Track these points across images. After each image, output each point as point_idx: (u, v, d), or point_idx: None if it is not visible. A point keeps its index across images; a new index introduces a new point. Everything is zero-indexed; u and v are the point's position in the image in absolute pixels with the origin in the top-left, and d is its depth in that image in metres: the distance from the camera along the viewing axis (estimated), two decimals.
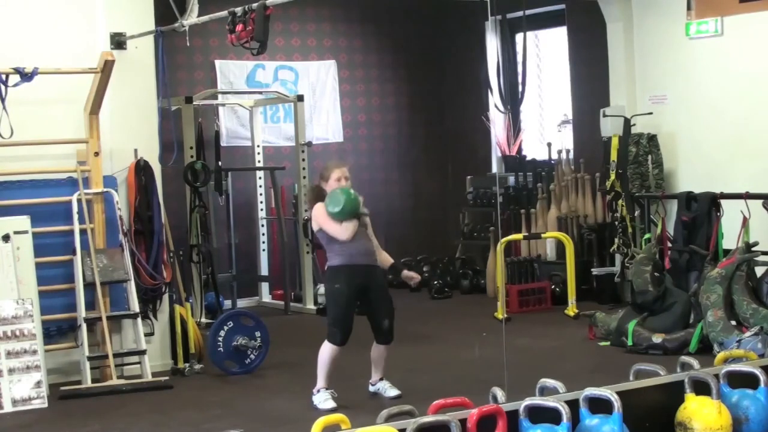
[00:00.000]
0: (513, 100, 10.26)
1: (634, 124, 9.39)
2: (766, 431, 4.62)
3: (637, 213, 9.21)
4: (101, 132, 7.31)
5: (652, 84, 9.60)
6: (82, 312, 7.08)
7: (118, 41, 7.41)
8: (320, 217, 6.31)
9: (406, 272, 6.72)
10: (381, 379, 6.53)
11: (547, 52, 11.73)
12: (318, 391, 6.33)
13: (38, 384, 6.68)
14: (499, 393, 4.29)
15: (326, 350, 6.32)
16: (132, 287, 7.25)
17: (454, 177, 11.91)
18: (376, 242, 6.54)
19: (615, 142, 9.36)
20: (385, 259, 6.58)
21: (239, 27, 6.56)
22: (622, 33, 9.73)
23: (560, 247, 9.65)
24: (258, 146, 10.65)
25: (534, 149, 11.51)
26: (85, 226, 7.22)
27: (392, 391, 6.44)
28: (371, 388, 6.57)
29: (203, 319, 9.16)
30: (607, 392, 4.24)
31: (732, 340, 7.01)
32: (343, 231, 6.24)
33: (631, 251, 8.93)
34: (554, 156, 10.69)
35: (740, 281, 7.48)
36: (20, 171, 7.18)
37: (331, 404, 6.21)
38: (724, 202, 8.17)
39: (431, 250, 11.51)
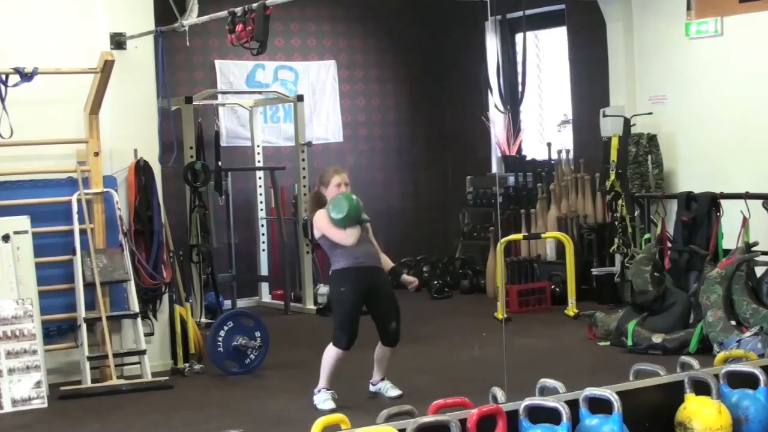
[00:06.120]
0: (513, 100, 10.22)
1: (634, 124, 9.38)
2: (766, 431, 4.61)
3: (637, 213, 9.21)
4: (101, 132, 7.32)
5: (652, 84, 9.59)
6: (82, 312, 7.08)
7: (118, 41, 7.42)
8: (322, 225, 6.28)
9: (405, 276, 6.71)
10: (382, 379, 6.53)
11: (547, 52, 11.73)
12: (319, 391, 6.33)
13: (38, 384, 6.68)
14: (499, 393, 4.28)
15: (331, 353, 6.31)
16: (132, 287, 7.25)
17: (454, 177, 11.91)
18: (377, 246, 6.54)
19: (615, 142, 9.35)
20: (386, 262, 6.57)
21: (239, 27, 6.56)
22: (622, 33, 9.72)
23: (560, 247, 9.64)
24: (258, 146, 10.64)
25: (534, 149, 11.51)
26: (85, 226, 7.22)
27: (393, 391, 6.44)
28: (372, 388, 6.57)
29: (203, 319, 9.16)
30: (607, 392, 4.23)
31: (732, 340, 7.00)
32: (347, 237, 6.22)
33: (631, 251, 8.92)
34: (554, 156, 10.69)
35: (740, 281, 7.48)
36: (20, 171, 7.18)
37: (331, 405, 6.21)
38: (724, 202, 8.17)
39: (431, 250, 11.51)
